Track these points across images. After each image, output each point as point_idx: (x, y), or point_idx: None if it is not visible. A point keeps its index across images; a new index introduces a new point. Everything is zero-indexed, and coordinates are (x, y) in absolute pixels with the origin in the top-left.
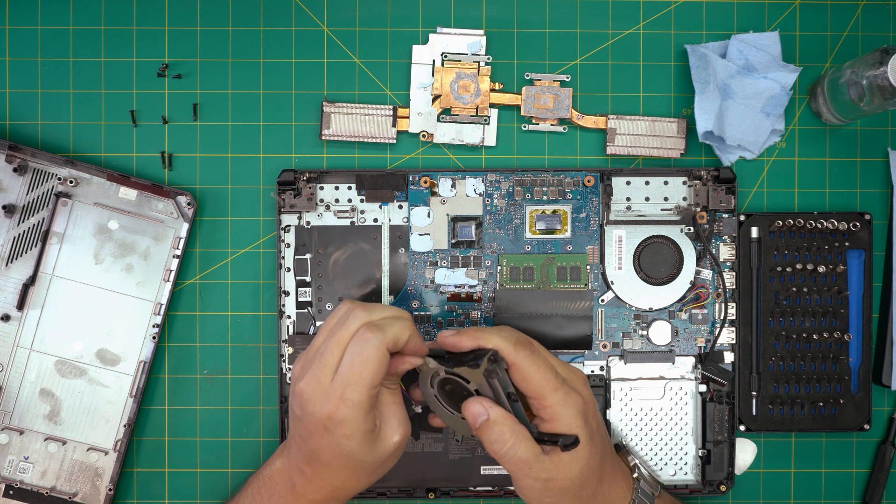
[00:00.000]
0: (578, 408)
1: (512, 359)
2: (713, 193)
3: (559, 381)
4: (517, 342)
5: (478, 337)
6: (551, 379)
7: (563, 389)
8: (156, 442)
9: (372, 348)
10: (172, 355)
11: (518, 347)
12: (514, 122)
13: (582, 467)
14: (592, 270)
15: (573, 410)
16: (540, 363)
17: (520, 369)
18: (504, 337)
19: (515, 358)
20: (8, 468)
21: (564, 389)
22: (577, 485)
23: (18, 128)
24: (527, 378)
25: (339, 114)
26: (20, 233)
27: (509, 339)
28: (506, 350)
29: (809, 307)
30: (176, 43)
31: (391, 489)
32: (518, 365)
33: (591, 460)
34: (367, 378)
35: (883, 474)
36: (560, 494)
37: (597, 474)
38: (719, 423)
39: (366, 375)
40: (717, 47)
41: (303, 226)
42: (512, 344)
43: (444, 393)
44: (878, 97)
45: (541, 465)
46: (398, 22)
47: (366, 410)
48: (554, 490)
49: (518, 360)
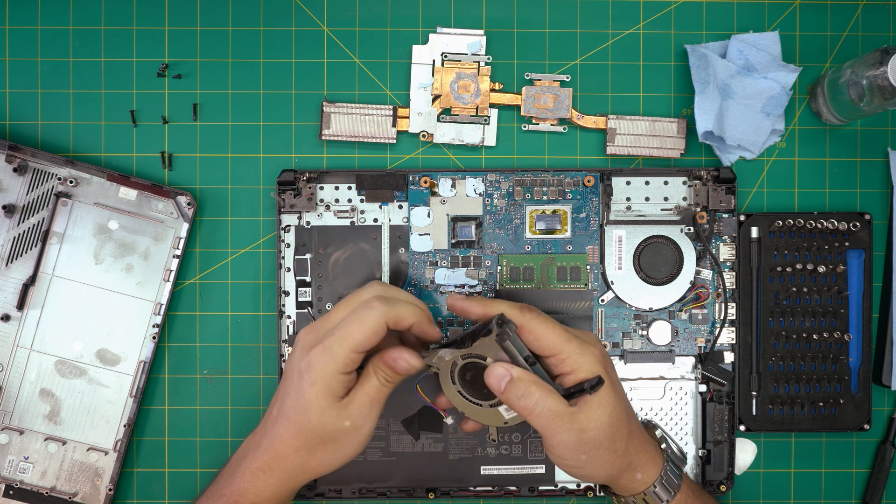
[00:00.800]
0: (596, 356)
1: (520, 321)
2: (713, 193)
3: (570, 335)
4: (522, 307)
5: (485, 304)
6: (562, 332)
7: (576, 341)
8: (156, 442)
9: (371, 314)
10: (172, 355)
11: (524, 311)
12: (514, 122)
13: (611, 413)
14: (592, 270)
15: (591, 357)
16: (548, 321)
17: (530, 330)
18: (509, 304)
19: (523, 320)
20: (8, 468)
21: (577, 341)
22: (609, 434)
23: (18, 128)
24: (538, 337)
25: (339, 114)
26: (20, 233)
27: (514, 305)
28: (512, 314)
29: (809, 307)
30: (176, 43)
31: (391, 489)
32: (527, 326)
33: (619, 408)
34: (354, 336)
35: (883, 474)
36: (595, 447)
37: (626, 424)
38: (719, 423)
39: (354, 334)
40: (717, 47)
41: (303, 226)
42: (518, 309)
43: (467, 385)
44: (878, 97)
45: (571, 415)
46: (398, 22)
47: (339, 367)
48: (588, 442)
49: (526, 321)
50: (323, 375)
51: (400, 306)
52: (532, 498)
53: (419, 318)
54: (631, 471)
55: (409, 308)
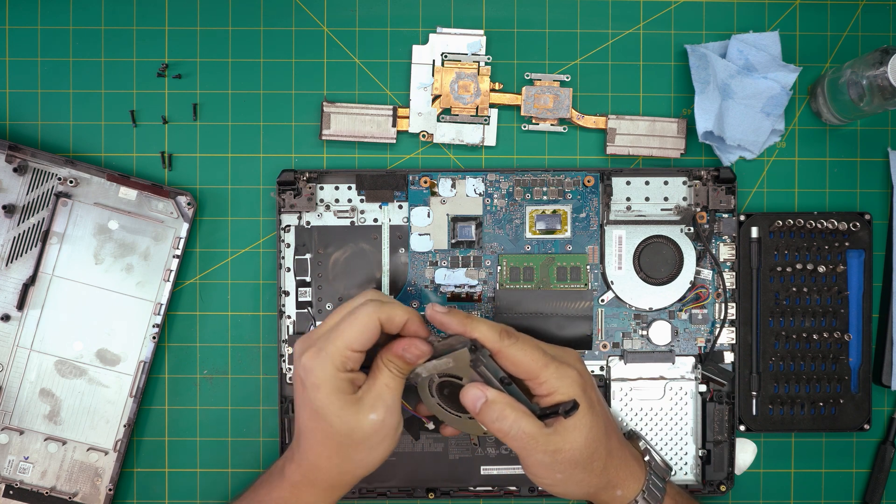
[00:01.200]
0: (573, 378)
1: (497, 347)
2: (713, 193)
3: (548, 358)
4: (501, 331)
5: (464, 322)
6: (539, 357)
7: (554, 364)
8: (156, 442)
9: (362, 312)
10: (172, 355)
11: (502, 336)
12: (514, 122)
13: (587, 435)
14: (592, 270)
15: (568, 381)
16: (526, 346)
17: (506, 355)
18: (488, 324)
19: (500, 346)
20: (8, 468)
21: (555, 364)
22: (585, 456)
23: (18, 128)
24: (515, 362)
25: (339, 114)
26: (20, 233)
27: (494, 328)
28: (490, 339)
29: (809, 307)
30: (176, 43)
31: (391, 489)
32: (504, 352)
33: (595, 429)
34: (346, 334)
35: (883, 474)
36: (570, 467)
37: (604, 445)
38: (719, 423)
39: (346, 332)
40: (717, 47)
41: (303, 226)
42: (497, 333)
43: (444, 398)
44: (878, 97)
45: (546, 437)
46: (398, 22)
47: (336, 365)
48: (563, 462)
49: (503, 347)
50: (323, 377)
51: (391, 306)
52: (532, 498)
53: (411, 315)
54: (610, 488)
55: (401, 308)
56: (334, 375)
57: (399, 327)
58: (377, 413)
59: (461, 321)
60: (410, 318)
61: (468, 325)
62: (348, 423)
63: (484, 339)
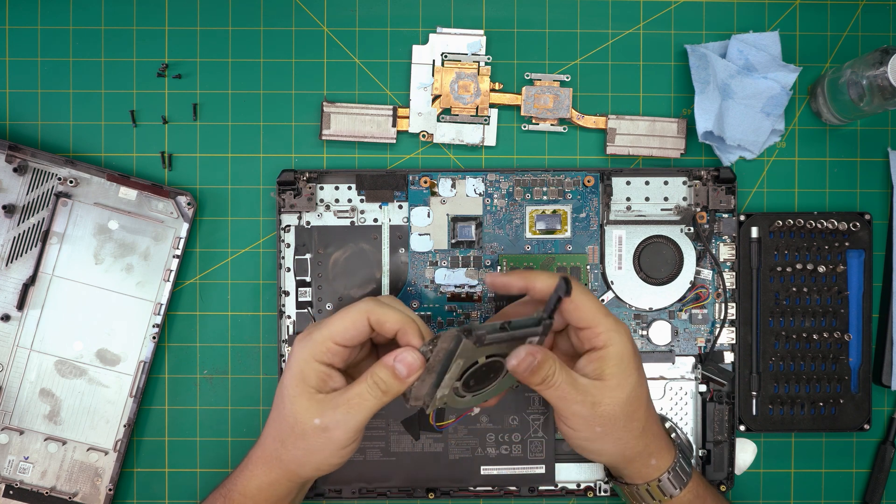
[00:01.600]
0: (627, 335)
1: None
2: (713, 193)
3: (606, 310)
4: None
5: (526, 277)
6: (599, 307)
7: (612, 318)
8: (156, 442)
9: (355, 309)
10: (172, 355)
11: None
12: (514, 122)
13: (629, 393)
14: (592, 270)
15: (625, 337)
16: (587, 294)
17: (572, 299)
18: (549, 275)
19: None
20: (8, 468)
21: (613, 318)
22: (626, 413)
23: (18, 128)
24: (579, 306)
25: (339, 114)
26: (20, 233)
27: (554, 276)
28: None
29: (809, 307)
30: (176, 43)
31: (391, 489)
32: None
33: (639, 389)
34: (333, 326)
35: (883, 474)
36: (609, 422)
37: (644, 408)
38: (719, 423)
39: (333, 323)
40: (717, 47)
41: (303, 226)
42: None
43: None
44: (878, 97)
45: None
46: (398, 22)
47: (314, 353)
48: (603, 417)
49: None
50: (297, 360)
51: (387, 309)
52: (532, 498)
53: (404, 324)
54: (647, 455)
55: (396, 314)
56: (308, 361)
57: (391, 333)
58: (324, 420)
59: (521, 275)
60: (404, 327)
61: (529, 279)
62: (295, 413)
63: (546, 284)
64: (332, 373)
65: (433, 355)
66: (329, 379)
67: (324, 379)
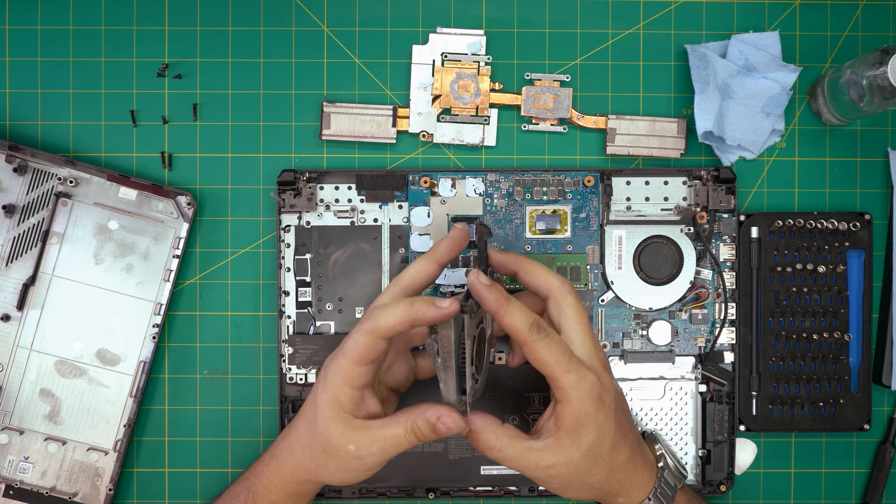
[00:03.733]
0: (590, 390)
1: (524, 339)
2: (713, 193)
3: (573, 363)
4: (532, 324)
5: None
6: (564, 362)
7: (577, 372)
8: (156, 442)
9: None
10: (172, 355)
11: (532, 329)
12: (514, 122)
13: (585, 452)
14: (592, 270)
15: (584, 393)
16: (552, 345)
17: (531, 350)
18: (523, 316)
19: (528, 339)
20: (8, 468)
21: (578, 372)
22: (581, 471)
23: (18, 128)
24: (537, 359)
25: (339, 114)
26: (20, 233)
27: (526, 320)
28: (520, 330)
29: (809, 307)
30: (176, 43)
31: (391, 489)
32: (530, 346)
33: (598, 445)
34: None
35: (883, 474)
36: (566, 480)
37: (605, 462)
38: (719, 423)
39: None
40: (717, 47)
41: (303, 226)
42: (528, 325)
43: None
44: (878, 97)
45: (538, 453)
46: (398, 22)
47: (345, 379)
48: (558, 477)
49: (531, 341)
50: (332, 384)
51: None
52: (532, 498)
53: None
54: (612, 496)
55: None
56: (340, 386)
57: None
58: (359, 449)
59: (497, 301)
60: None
61: (503, 309)
62: (329, 435)
63: (513, 329)
64: (364, 394)
65: (441, 349)
66: (362, 402)
67: (357, 402)
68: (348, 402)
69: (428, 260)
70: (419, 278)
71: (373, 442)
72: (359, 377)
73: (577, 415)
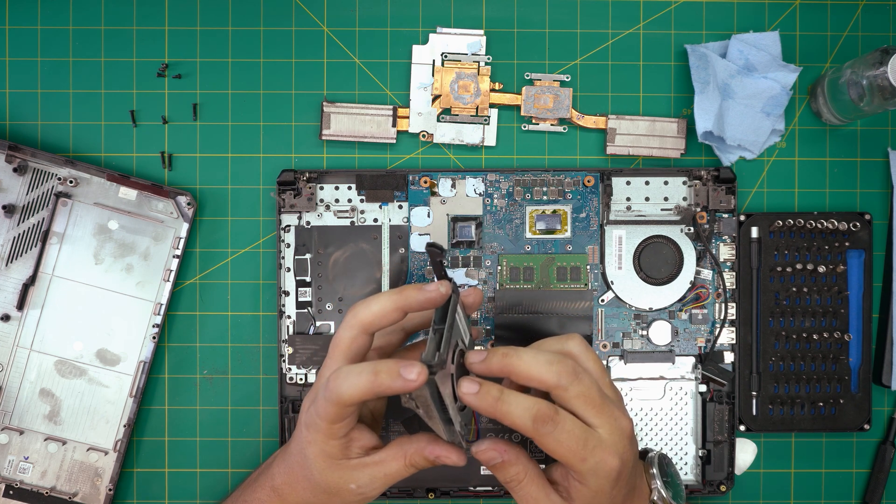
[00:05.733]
0: (608, 474)
1: (532, 434)
2: (713, 193)
3: (588, 449)
4: (537, 415)
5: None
6: (578, 451)
7: (595, 458)
8: (156, 442)
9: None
10: (172, 355)
11: (537, 422)
12: (514, 122)
13: None
14: (592, 270)
15: (602, 479)
16: (562, 437)
17: (541, 444)
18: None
19: (536, 433)
20: (8, 468)
21: (596, 457)
22: None
23: (18, 128)
24: (550, 451)
25: (339, 114)
26: (20, 233)
27: (528, 410)
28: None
29: (809, 307)
30: (176, 43)
31: (391, 489)
32: (538, 440)
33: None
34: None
35: (883, 474)
36: None
37: None
38: (719, 423)
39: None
40: (717, 47)
41: (303, 226)
42: (531, 417)
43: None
44: (878, 97)
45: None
46: (398, 22)
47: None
48: None
49: (540, 435)
50: (316, 440)
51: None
52: None
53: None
54: None
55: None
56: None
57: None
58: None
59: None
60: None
61: (499, 410)
62: (328, 480)
63: (517, 427)
64: (352, 434)
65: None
66: (352, 442)
67: (346, 447)
68: (337, 451)
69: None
70: (381, 321)
71: (374, 479)
72: (339, 430)
73: (593, 494)
